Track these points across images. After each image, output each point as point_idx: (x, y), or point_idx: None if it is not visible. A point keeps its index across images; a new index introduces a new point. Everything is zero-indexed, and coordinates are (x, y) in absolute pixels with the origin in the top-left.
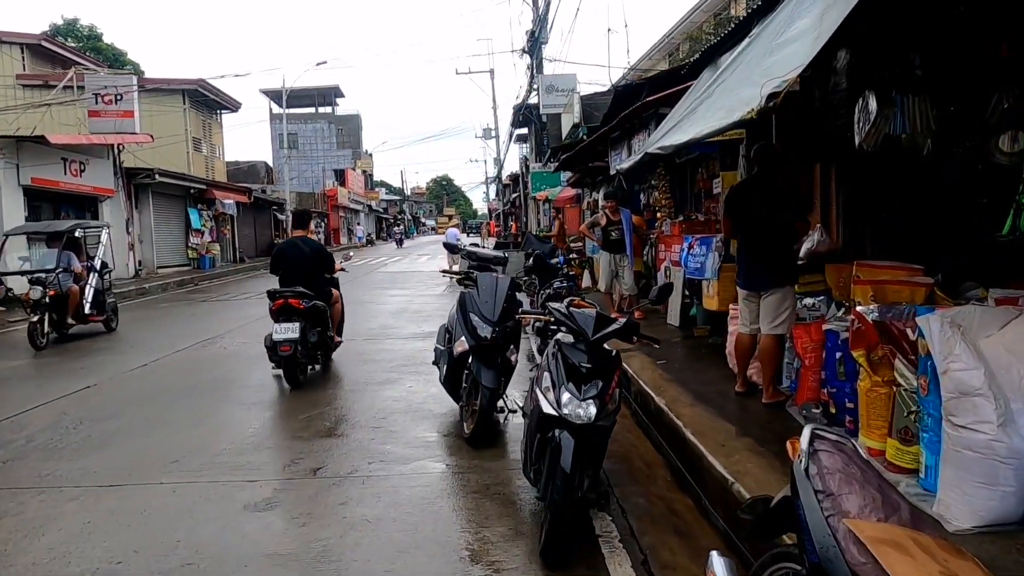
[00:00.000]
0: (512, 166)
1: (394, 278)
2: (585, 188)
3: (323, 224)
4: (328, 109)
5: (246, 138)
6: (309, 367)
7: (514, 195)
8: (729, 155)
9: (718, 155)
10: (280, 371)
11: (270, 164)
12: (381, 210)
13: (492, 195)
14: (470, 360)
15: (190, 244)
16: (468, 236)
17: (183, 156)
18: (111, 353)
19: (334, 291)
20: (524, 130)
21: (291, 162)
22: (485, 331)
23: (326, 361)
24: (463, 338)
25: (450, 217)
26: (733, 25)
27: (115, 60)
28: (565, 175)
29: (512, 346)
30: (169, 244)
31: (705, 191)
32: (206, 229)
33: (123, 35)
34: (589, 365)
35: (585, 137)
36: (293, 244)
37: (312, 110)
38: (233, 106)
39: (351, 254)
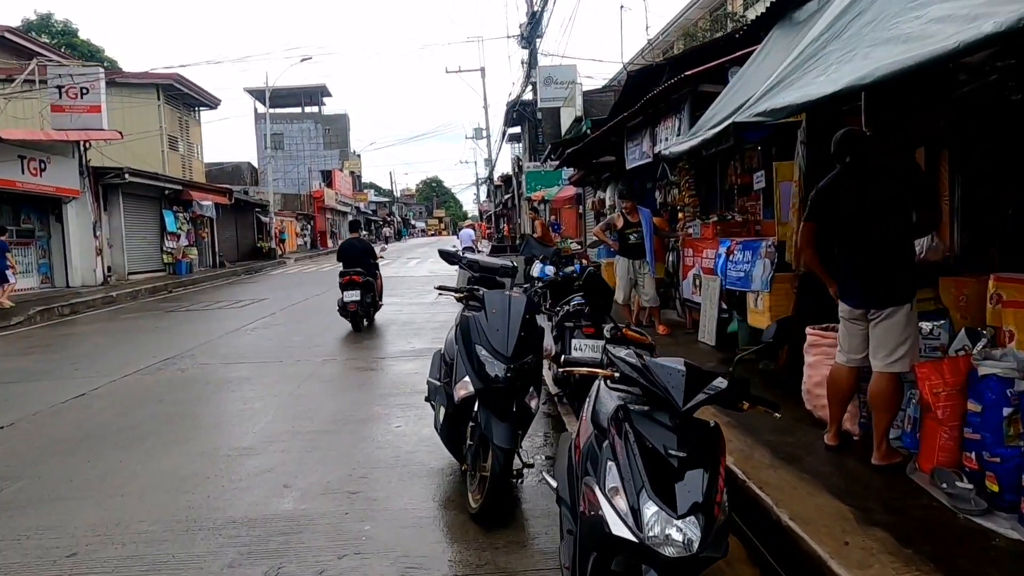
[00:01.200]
0: (504, 167)
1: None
2: (589, 186)
3: (310, 227)
4: (315, 109)
5: (232, 140)
6: (364, 320)
7: (506, 196)
8: (775, 144)
9: (754, 146)
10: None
11: (255, 165)
12: (370, 212)
13: (483, 196)
14: (476, 408)
15: (165, 248)
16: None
17: (157, 155)
18: (46, 379)
19: (378, 272)
20: (517, 129)
21: (276, 162)
22: (496, 369)
23: (372, 317)
24: (467, 379)
25: (440, 219)
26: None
27: (91, 57)
28: (566, 173)
29: (532, 388)
30: (142, 248)
31: (740, 187)
32: (182, 232)
33: (100, 32)
34: (683, 453)
35: (589, 131)
36: (350, 243)
37: (299, 110)
38: (212, 103)
39: (387, 247)
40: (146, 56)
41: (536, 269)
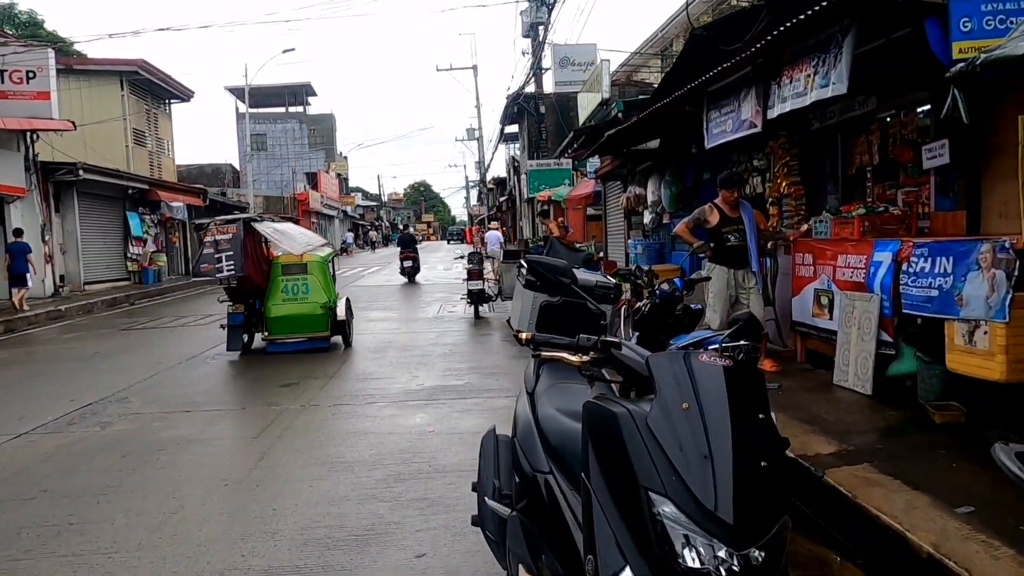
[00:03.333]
0: (497, 169)
1: (373, 295)
2: (615, 181)
3: None
4: (299, 108)
5: (214, 141)
6: (413, 277)
7: (501, 199)
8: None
9: (906, 108)
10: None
11: (237, 167)
12: (357, 216)
13: (474, 200)
14: None
15: (129, 255)
16: (449, 244)
17: (121, 150)
18: None
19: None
20: (514, 127)
21: (259, 164)
22: (706, 557)
23: (416, 275)
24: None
25: (428, 224)
26: None
27: (58, 52)
28: (592, 166)
29: None
30: (102, 255)
31: (877, 168)
32: (149, 237)
33: (69, 24)
34: None
35: (620, 115)
36: (405, 235)
37: (282, 109)
38: (184, 94)
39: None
40: (119, 49)
41: None
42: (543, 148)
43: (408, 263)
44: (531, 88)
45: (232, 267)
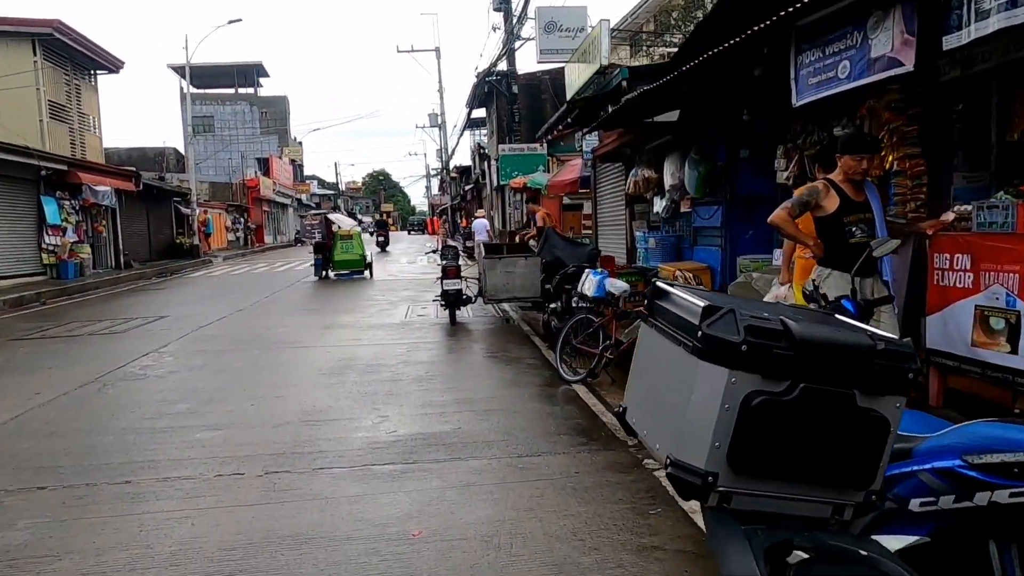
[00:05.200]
0: (461, 158)
1: (326, 294)
2: (613, 163)
3: (242, 220)
4: (250, 90)
5: (159, 124)
6: (385, 247)
7: (466, 187)
8: None
9: None
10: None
11: (182, 151)
12: (313, 204)
13: (435, 189)
14: None
15: (45, 245)
16: (410, 235)
17: (34, 126)
18: None
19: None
20: (482, 111)
21: (206, 147)
22: None
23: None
24: None
25: (387, 214)
26: None
27: None
28: (589, 144)
29: None
30: (10, 246)
31: None
32: (69, 225)
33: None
34: None
35: (625, 82)
36: (380, 220)
37: (232, 90)
38: (112, 64)
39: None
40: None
41: (590, 283)
42: (516, 132)
43: (381, 239)
44: (503, 67)
45: (321, 236)
